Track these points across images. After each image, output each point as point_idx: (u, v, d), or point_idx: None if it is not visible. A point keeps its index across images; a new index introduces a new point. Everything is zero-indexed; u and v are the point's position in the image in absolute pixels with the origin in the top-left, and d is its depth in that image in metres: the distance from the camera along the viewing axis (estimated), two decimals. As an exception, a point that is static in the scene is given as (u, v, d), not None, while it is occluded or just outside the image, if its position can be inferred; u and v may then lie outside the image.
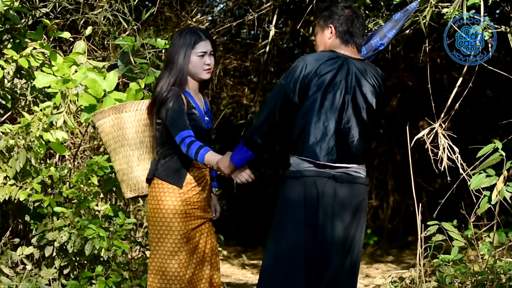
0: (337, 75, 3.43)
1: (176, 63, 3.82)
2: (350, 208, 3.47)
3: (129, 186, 4.05)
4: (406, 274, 5.47)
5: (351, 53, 3.55)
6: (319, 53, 3.51)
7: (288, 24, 8.87)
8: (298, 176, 3.44)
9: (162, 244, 3.81)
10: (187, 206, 3.82)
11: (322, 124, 3.41)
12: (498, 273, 4.81)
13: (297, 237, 3.42)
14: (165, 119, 3.77)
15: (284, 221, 3.47)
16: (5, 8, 4.58)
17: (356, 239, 3.51)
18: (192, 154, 3.69)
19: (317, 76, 3.40)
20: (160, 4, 6.37)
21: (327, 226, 3.41)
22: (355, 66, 3.50)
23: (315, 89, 3.40)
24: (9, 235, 4.95)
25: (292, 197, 3.46)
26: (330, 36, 3.55)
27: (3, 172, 4.48)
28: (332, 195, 3.42)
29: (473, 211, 4.79)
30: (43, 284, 4.61)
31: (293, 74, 3.43)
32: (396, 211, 10.15)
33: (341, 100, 3.43)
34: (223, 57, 8.49)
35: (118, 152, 4.05)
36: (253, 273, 8.07)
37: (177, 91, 3.79)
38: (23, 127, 4.48)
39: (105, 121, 4.05)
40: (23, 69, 4.72)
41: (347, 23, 3.54)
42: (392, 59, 6.82)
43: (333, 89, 3.42)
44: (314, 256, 3.41)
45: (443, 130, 4.98)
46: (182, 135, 3.72)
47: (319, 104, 3.41)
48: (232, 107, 9.97)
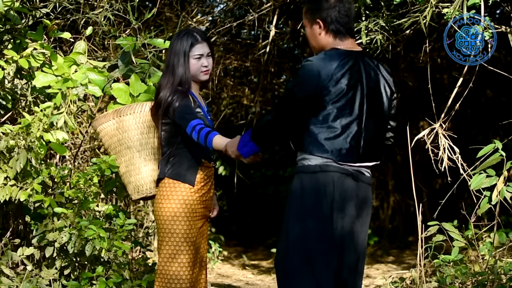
0: (352, 76, 3.35)
1: (177, 67, 3.86)
2: (361, 204, 3.46)
3: (136, 188, 4.07)
4: (406, 274, 5.48)
5: (352, 45, 3.46)
6: (327, 56, 3.38)
7: (288, 24, 8.87)
8: (316, 170, 3.37)
9: (166, 244, 3.84)
10: (197, 205, 3.84)
11: (343, 126, 3.35)
12: (499, 274, 4.81)
13: (316, 230, 3.39)
14: (174, 116, 3.79)
15: (305, 214, 3.42)
16: (6, 8, 4.58)
17: (365, 235, 3.52)
18: (202, 140, 3.68)
19: (333, 81, 3.31)
20: (161, 4, 6.38)
21: (342, 219, 3.40)
22: (364, 62, 3.43)
23: (334, 95, 3.32)
24: (9, 235, 4.95)
25: (306, 190, 3.41)
26: (320, 31, 3.44)
27: (3, 173, 4.47)
28: (348, 190, 3.39)
29: (473, 212, 4.79)
30: (44, 284, 4.61)
31: (306, 80, 3.33)
32: (396, 211, 10.15)
33: (359, 100, 3.37)
34: (224, 57, 8.49)
35: (124, 154, 4.08)
36: (254, 273, 8.07)
37: (183, 91, 3.83)
38: (23, 127, 4.47)
39: (109, 125, 4.08)
40: (23, 70, 4.72)
41: (335, 14, 3.41)
42: (392, 59, 6.81)
43: (352, 91, 3.36)
44: (326, 251, 3.40)
45: (443, 130, 4.98)
46: (192, 124, 3.73)
47: (339, 108, 3.34)
48: (232, 107, 9.97)
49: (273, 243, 9.61)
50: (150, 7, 6.61)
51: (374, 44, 5.13)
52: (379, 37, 5.10)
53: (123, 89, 4.38)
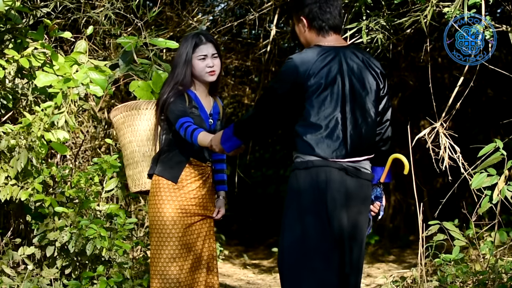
0: (331, 70, 3.37)
1: (178, 67, 3.92)
2: (358, 199, 3.46)
3: (133, 181, 4.19)
4: (407, 273, 5.47)
5: (335, 40, 3.46)
6: (308, 51, 3.42)
7: (289, 23, 8.86)
8: (309, 166, 3.40)
9: (162, 249, 3.87)
10: (182, 202, 3.88)
11: (326, 122, 3.37)
12: (500, 273, 4.81)
13: (314, 227, 3.40)
14: (167, 114, 3.86)
15: (294, 210, 3.43)
16: (6, 8, 4.58)
17: (363, 231, 3.51)
18: (188, 136, 3.78)
19: (311, 76, 3.34)
20: (161, 3, 6.38)
21: (336, 214, 3.40)
22: (345, 56, 3.43)
23: (313, 89, 3.35)
24: (10, 235, 4.95)
25: (301, 186, 3.43)
26: (305, 28, 3.47)
27: (4, 172, 4.48)
28: (341, 184, 3.39)
29: (474, 211, 4.80)
30: (45, 284, 4.61)
31: (285, 77, 3.38)
32: (397, 210, 10.15)
33: (341, 94, 3.38)
34: (224, 56, 8.49)
35: (127, 148, 4.20)
36: (254, 273, 8.07)
37: (179, 89, 3.89)
38: (24, 127, 4.48)
39: (118, 118, 4.20)
40: (24, 69, 4.72)
41: (316, 10, 3.43)
42: (393, 58, 6.81)
43: (330, 86, 3.36)
44: (325, 247, 3.40)
45: (444, 130, 4.98)
46: (181, 121, 3.81)
47: (319, 103, 3.36)
48: (233, 106, 9.98)
49: (274, 243, 9.62)
50: (151, 7, 6.61)
51: (374, 43, 5.13)
52: (380, 36, 5.10)
53: (144, 87, 4.45)
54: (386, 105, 3.57)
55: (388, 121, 3.62)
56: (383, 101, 3.55)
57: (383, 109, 3.57)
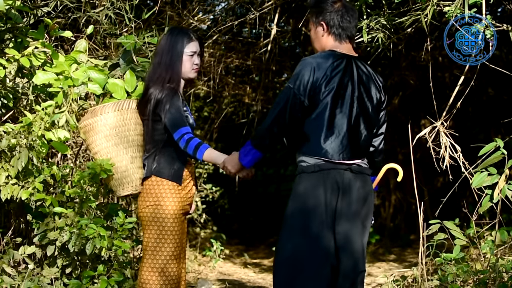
0: (344, 77, 3.50)
1: (169, 62, 3.88)
2: (364, 197, 3.54)
3: (122, 185, 4.07)
4: (408, 272, 5.48)
5: (348, 49, 3.61)
6: (323, 56, 3.54)
7: (289, 22, 8.86)
8: (316, 170, 3.46)
9: (163, 246, 3.86)
10: (183, 203, 3.89)
11: (334, 125, 3.48)
12: (500, 272, 4.81)
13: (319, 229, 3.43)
14: (164, 116, 3.81)
15: (306, 214, 3.46)
16: (7, 7, 4.57)
17: (367, 228, 3.58)
18: (191, 150, 3.76)
19: (327, 79, 3.46)
20: (162, 2, 6.37)
21: (348, 214, 3.44)
22: (356, 65, 3.57)
23: (326, 92, 3.46)
24: (11, 234, 4.95)
25: (310, 189, 3.47)
26: (323, 33, 3.61)
27: (5, 172, 4.47)
28: (350, 184, 3.49)
29: (475, 210, 4.79)
30: (45, 283, 4.61)
31: (302, 78, 3.47)
32: (398, 209, 10.15)
33: (350, 100, 3.51)
34: (225, 56, 8.49)
35: (111, 151, 4.07)
36: (255, 272, 8.07)
37: (172, 88, 3.85)
38: (25, 126, 4.47)
39: (96, 120, 4.07)
40: (24, 69, 4.71)
41: (338, 18, 3.58)
42: (393, 57, 6.81)
43: (343, 91, 3.50)
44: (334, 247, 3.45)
45: (444, 129, 4.98)
46: (181, 131, 3.79)
47: (330, 106, 3.47)
48: (234, 106, 9.98)
49: (275, 242, 9.60)
50: (151, 6, 6.61)
51: (375, 42, 5.13)
52: (381, 36, 5.10)
53: (119, 84, 4.37)
54: (383, 118, 3.73)
55: (383, 135, 3.76)
56: (381, 114, 3.69)
57: (381, 121, 3.70)
